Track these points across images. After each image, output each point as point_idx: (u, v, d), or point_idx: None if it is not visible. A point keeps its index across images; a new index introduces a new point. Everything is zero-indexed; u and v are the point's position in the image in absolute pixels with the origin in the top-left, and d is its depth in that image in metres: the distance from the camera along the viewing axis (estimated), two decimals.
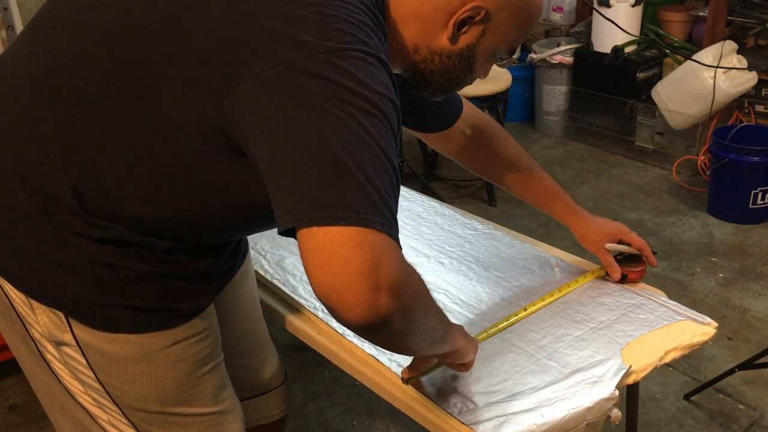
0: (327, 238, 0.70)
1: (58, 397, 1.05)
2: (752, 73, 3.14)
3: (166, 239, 0.94)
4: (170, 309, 0.99)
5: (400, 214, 1.64)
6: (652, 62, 3.57)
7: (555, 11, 4.04)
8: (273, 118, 0.76)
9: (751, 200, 2.95)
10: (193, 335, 1.03)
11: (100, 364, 0.98)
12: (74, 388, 1.02)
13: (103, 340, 0.96)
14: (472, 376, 1.15)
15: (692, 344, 1.22)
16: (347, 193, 0.72)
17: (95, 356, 0.97)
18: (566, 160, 3.70)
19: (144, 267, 0.94)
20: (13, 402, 2.13)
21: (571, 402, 1.07)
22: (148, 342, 0.98)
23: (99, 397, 1.01)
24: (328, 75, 0.76)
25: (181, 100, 0.84)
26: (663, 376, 2.15)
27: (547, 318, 1.28)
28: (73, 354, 0.98)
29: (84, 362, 0.98)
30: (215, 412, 1.09)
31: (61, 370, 1.01)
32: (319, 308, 1.34)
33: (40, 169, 0.90)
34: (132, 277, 0.94)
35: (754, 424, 2.00)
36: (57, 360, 1.00)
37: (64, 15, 0.93)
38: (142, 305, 0.96)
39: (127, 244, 0.93)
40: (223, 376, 1.12)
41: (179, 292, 0.99)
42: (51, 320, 0.96)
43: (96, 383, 0.99)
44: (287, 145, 0.74)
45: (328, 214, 0.71)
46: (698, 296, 2.56)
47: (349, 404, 2.09)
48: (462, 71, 1.01)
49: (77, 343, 0.97)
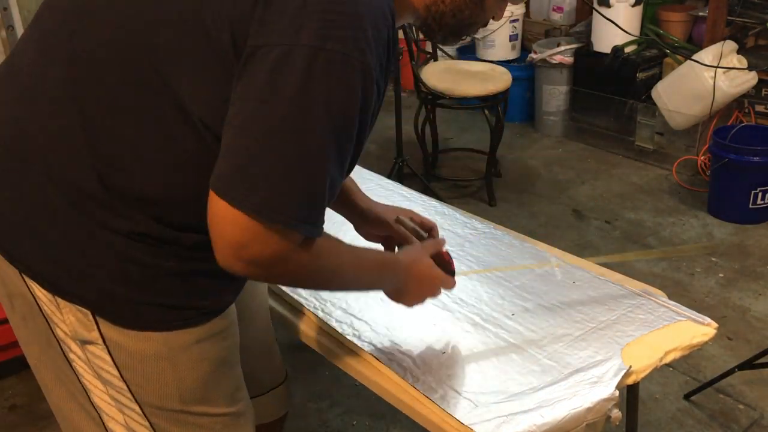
0: (235, 218, 0.85)
1: (73, 400, 1.04)
2: (752, 73, 3.14)
3: (192, 232, 0.95)
4: (196, 307, 1.00)
5: None
6: (652, 62, 3.57)
7: (555, 11, 4.04)
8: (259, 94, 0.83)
9: (751, 200, 2.95)
10: (215, 334, 1.04)
11: (125, 361, 0.99)
12: (94, 388, 1.02)
13: (130, 338, 0.97)
14: (472, 376, 1.15)
15: (692, 345, 1.22)
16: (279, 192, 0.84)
17: (121, 354, 0.98)
18: (566, 160, 3.70)
19: (171, 264, 0.96)
20: (13, 402, 2.13)
21: (571, 402, 1.07)
22: (173, 340, 0.99)
23: (120, 396, 1.01)
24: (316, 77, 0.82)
25: (198, 80, 0.87)
26: (663, 376, 2.15)
27: (547, 318, 1.29)
28: (99, 352, 0.98)
29: (109, 360, 0.98)
30: (230, 413, 1.09)
31: (83, 369, 1.01)
32: (319, 308, 1.34)
33: (65, 160, 0.92)
34: (160, 274, 0.95)
35: (754, 424, 2.00)
36: (80, 359, 1.00)
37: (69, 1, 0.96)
38: (169, 302, 0.97)
39: (154, 239, 0.94)
40: (239, 376, 1.13)
41: (205, 289, 1.00)
42: (78, 319, 0.96)
43: (120, 381, 1.00)
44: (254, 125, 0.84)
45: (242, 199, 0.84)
46: (698, 296, 2.56)
47: (349, 404, 2.09)
48: (473, 8, 1.00)
49: (104, 341, 0.97)
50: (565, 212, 3.15)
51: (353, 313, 1.32)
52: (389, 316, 1.31)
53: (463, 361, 1.19)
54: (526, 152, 3.80)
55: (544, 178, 3.51)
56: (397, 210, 1.34)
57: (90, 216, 0.92)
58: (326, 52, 0.82)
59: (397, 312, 1.33)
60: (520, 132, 4.04)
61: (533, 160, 3.70)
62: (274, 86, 0.83)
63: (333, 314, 1.32)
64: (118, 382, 1.00)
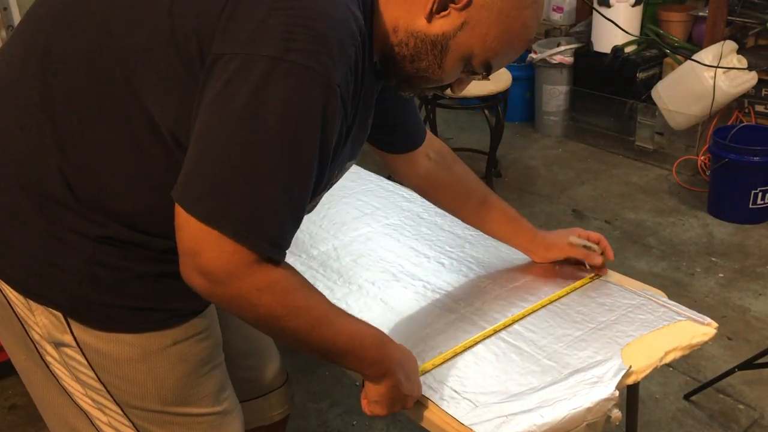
0: (189, 224, 0.84)
1: (55, 401, 1.05)
2: (752, 73, 3.14)
3: (162, 238, 0.94)
4: (168, 309, 0.99)
5: (401, 215, 1.65)
6: (652, 62, 3.57)
7: (555, 11, 4.04)
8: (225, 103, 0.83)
9: (751, 200, 2.95)
10: (193, 335, 1.03)
11: (101, 364, 0.98)
12: (74, 390, 1.02)
13: (103, 341, 0.97)
14: (472, 376, 1.15)
15: (692, 344, 1.22)
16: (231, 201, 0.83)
17: (96, 356, 0.97)
18: (566, 160, 3.70)
19: (141, 267, 0.95)
20: (14, 402, 2.14)
21: (571, 402, 1.07)
22: (148, 342, 0.98)
23: (99, 398, 1.01)
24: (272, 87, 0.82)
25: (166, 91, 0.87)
26: (663, 376, 2.16)
27: (547, 318, 1.29)
28: (74, 355, 0.98)
29: (85, 362, 0.98)
30: (215, 412, 1.09)
31: (61, 372, 1.01)
32: None
33: (33, 164, 0.92)
34: (130, 277, 0.95)
35: (754, 424, 2.00)
36: (57, 362, 1.00)
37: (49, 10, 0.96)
38: (140, 305, 0.96)
39: (124, 243, 0.93)
40: (223, 376, 1.12)
41: (176, 292, 0.97)
42: (50, 321, 0.96)
43: (97, 383, 0.99)
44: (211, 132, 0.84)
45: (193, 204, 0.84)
46: (698, 296, 2.56)
47: (349, 404, 2.09)
48: (432, 62, 0.98)
49: (77, 344, 0.97)
50: (565, 212, 3.15)
51: (353, 314, 1.31)
52: (389, 316, 1.31)
53: (463, 362, 1.19)
54: (526, 152, 3.80)
55: (544, 178, 3.51)
56: (566, 232, 1.44)
57: (58, 220, 0.92)
58: (286, 64, 0.81)
59: (397, 312, 1.33)
60: (520, 132, 4.04)
61: (533, 160, 3.70)
62: (230, 94, 0.82)
63: None
64: (95, 383, 1.00)
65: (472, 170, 1.44)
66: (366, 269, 1.45)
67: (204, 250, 0.84)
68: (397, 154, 1.35)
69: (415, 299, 1.36)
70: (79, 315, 0.95)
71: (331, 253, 1.52)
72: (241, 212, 0.83)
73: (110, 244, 0.93)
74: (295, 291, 0.92)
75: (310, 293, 0.94)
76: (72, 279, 0.93)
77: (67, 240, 0.92)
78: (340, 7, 0.87)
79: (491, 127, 3.16)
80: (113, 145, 0.90)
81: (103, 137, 0.90)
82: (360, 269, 1.46)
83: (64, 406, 1.04)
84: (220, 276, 0.85)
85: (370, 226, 1.62)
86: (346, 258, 1.50)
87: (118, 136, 0.90)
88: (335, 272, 1.45)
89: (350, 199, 1.74)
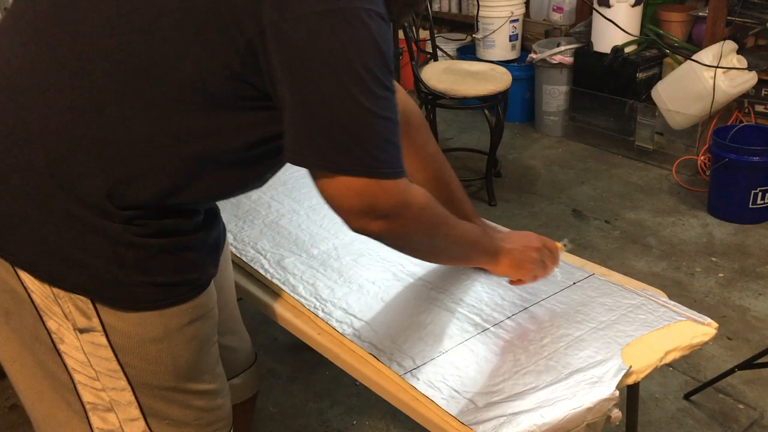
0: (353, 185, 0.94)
1: (57, 395, 1.05)
2: (752, 73, 3.14)
3: (176, 213, 1.00)
4: (186, 282, 1.04)
5: None
6: (652, 62, 3.57)
7: (555, 11, 4.04)
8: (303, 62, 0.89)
9: (751, 200, 2.95)
10: (204, 314, 1.09)
11: (124, 345, 1.01)
12: (83, 378, 1.03)
13: (129, 323, 1.00)
14: (472, 376, 1.15)
15: (692, 344, 1.22)
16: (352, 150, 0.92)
17: (119, 339, 1.00)
18: (566, 160, 3.70)
19: (160, 242, 0.99)
20: (14, 402, 2.14)
21: (571, 402, 1.07)
22: (169, 321, 1.03)
23: (111, 381, 1.03)
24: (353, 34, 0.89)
25: (201, 56, 0.90)
26: (663, 376, 2.16)
27: (547, 318, 1.29)
28: (96, 339, 1.00)
29: (106, 344, 1.01)
30: (212, 389, 1.14)
31: (74, 360, 1.02)
32: (319, 308, 1.34)
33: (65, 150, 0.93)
34: (152, 254, 0.98)
35: (754, 424, 2.00)
36: (74, 349, 1.01)
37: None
38: (162, 280, 1.01)
39: (147, 222, 0.97)
40: (218, 353, 1.18)
41: (191, 263, 1.04)
42: (77, 307, 0.98)
43: (115, 364, 1.02)
44: (305, 96, 0.90)
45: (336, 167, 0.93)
46: (698, 296, 2.56)
47: (349, 404, 2.10)
48: None
49: (103, 328, 0.99)
50: (565, 212, 3.16)
51: (353, 314, 1.32)
52: (389, 316, 1.31)
53: (463, 361, 1.19)
54: (526, 152, 3.80)
55: (544, 178, 3.51)
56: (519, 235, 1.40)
57: (88, 206, 0.93)
58: (341, 11, 0.88)
59: (397, 312, 1.33)
60: (520, 132, 4.04)
61: (533, 160, 3.70)
62: (311, 55, 0.88)
63: (333, 314, 1.32)
64: (113, 365, 1.02)
65: (472, 170, 1.43)
66: (366, 269, 1.46)
67: (377, 200, 0.96)
68: None
69: (415, 299, 1.36)
70: (107, 298, 0.98)
71: (332, 252, 1.52)
72: (384, 154, 0.94)
73: (135, 224, 0.96)
74: (431, 197, 1.08)
75: (437, 205, 1.10)
76: (100, 263, 0.96)
77: (95, 225, 0.94)
78: None
79: (491, 127, 3.17)
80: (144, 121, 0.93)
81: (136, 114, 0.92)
82: (360, 269, 1.46)
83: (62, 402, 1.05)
84: (396, 210, 0.99)
85: None
86: (347, 257, 1.50)
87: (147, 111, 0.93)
88: (336, 272, 1.45)
89: None
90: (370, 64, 0.90)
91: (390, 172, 0.96)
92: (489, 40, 4.06)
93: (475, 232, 1.23)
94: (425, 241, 1.12)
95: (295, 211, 1.68)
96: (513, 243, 1.27)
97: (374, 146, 0.93)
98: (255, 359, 1.49)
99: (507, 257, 1.25)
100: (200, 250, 1.05)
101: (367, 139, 0.93)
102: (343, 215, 0.98)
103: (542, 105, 3.95)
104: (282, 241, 1.56)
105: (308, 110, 0.90)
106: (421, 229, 1.07)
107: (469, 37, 4.31)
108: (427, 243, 1.13)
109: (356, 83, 0.90)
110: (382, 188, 0.96)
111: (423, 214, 1.05)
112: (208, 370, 1.13)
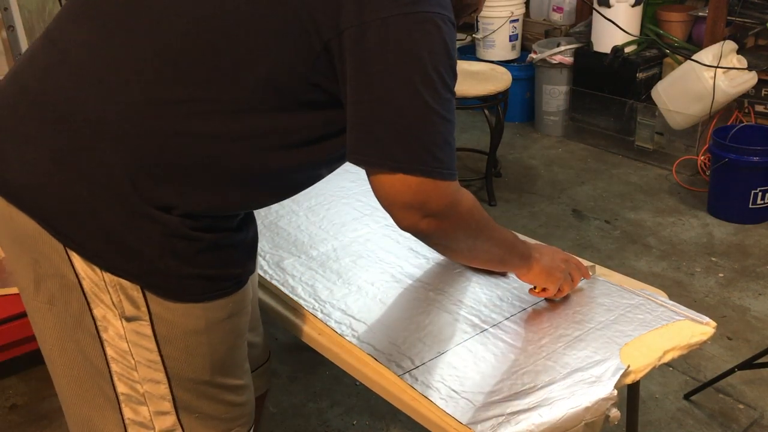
0: (410, 183, 0.97)
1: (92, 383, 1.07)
2: (752, 73, 3.14)
3: (225, 210, 1.03)
4: (230, 276, 1.06)
5: None
6: (652, 62, 3.57)
7: (555, 11, 4.04)
8: None
9: (751, 200, 2.95)
10: (241, 309, 1.11)
11: (168, 335, 1.03)
12: (121, 368, 1.04)
13: (175, 313, 1.02)
14: (471, 376, 1.15)
15: (691, 344, 1.22)
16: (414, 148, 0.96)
17: (164, 329, 1.02)
18: (566, 160, 3.70)
19: (210, 236, 1.01)
20: (14, 402, 2.14)
21: (570, 402, 1.07)
22: (212, 314, 1.05)
23: (149, 372, 1.04)
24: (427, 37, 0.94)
25: (274, 56, 0.94)
26: (663, 376, 2.16)
27: (545, 318, 1.29)
28: (141, 328, 1.02)
29: (151, 334, 1.02)
30: (241, 385, 1.16)
31: (114, 350, 1.03)
32: (318, 309, 1.34)
33: (136, 140, 0.95)
34: (202, 247, 1.01)
35: (754, 424, 2.00)
36: (117, 337, 1.02)
37: None
38: (210, 273, 1.03)
39: (201, 216, 1.00)
40: (246, 349, 1.19)
41: (235, 258, 1.07)
42: (127, 295, 0.99)
43: (156, 355, 1.04)
44: (375, 94, 0.93)
45: (396, 165, 0.96)
46: (698, 296, 2.56)
47: (349, 404, 2.10)
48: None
49: (149, 317, 1.01)
50: (565, 212, 3.16)
51: (352, 315, 1.32)
52: (388, 317, 1.32)
53: (462, 362, 1.19)
54: (526, 152, 3.80)
55: (544, 178, 3.51)
56: None
57: (149, 197, 0.96)
58: (417, 15, 0.92)
59: (396, 313, 1.33)
60: (520, 132, 4.05)
61: (533, 160, 3.71)
62: (386, 55, 0.92)
63: (332, 315, 1.32)
64: (153, 356, 1.04)
65: (472, 170, 1.44)
66: (365, 270, 1.46)
67: (430, 199, 0.99)
68: None
69: (414, 300, 1.36)
70: (157, 287, 1.00)
71: (331, 254, 1.52)
72: (443, 154, 0.98)
73: (189, 218, 0.98)
74: (477, 201, 1.11)
75: (480, 207, 1.12)
76: (154, 252, 0.98)
77: (153, 215, 0.96)
78: None
79: (491, 127, 3.17)
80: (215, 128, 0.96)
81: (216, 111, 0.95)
82: (359, 270, 1.46)
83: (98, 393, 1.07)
84: (447, 210, 1.02)
85: (369, 227, 1.62)
86: (346, 259, 1.50)
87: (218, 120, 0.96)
88: (334, 273, 1.45)
89: (350, 200, 1.75)
90: (440, 67, 0.94)
91: (446, 173, 0.99)
92: (489, 40, 4.06)
93: (512, 236, 1.26)
94: (469, 242, 1.15)
95: (294, 212, 1.69)
96: (543, 253, 1.30)
97: (436, 146, 0.97)
98: (269, 356, 1.50)
99: (538, 264, 1.27)
100: (242, 246, 1.08)
101: (430, 138, 0.96)
102: (395, 212, 1.01)
103: (542, 105, 3.95)
104: (281, 242, 1.56)
105: (376, 108, 0.94)
106: (467, 229, 1.11)
107: (469, 37, 4.32)
108: (470, 243, 1.16)
109: (426, 84, 0.94)
110: (437, 188, 0.99)
111: (471, 216, 1.09)
112: (238, 365, 1.15)
